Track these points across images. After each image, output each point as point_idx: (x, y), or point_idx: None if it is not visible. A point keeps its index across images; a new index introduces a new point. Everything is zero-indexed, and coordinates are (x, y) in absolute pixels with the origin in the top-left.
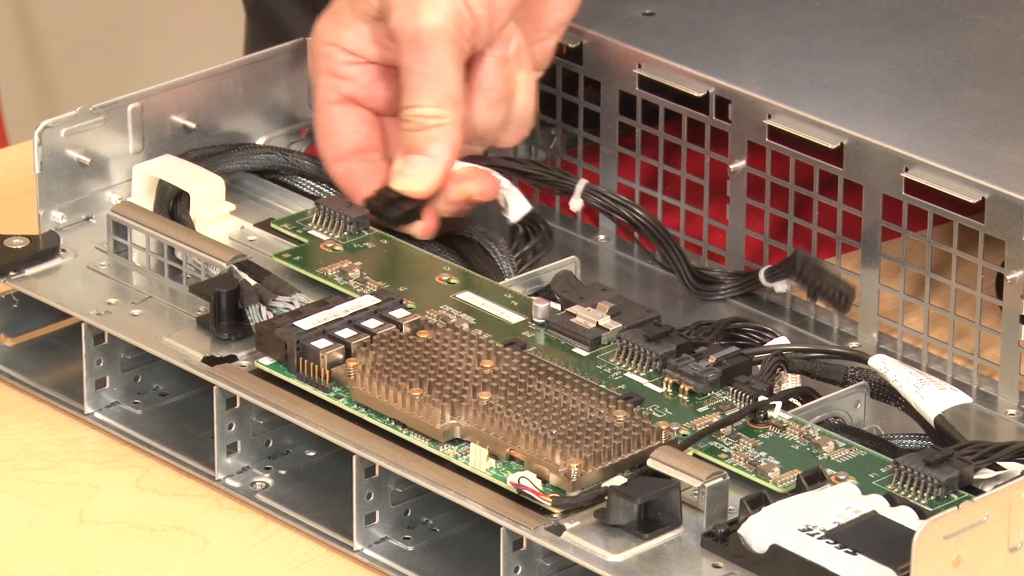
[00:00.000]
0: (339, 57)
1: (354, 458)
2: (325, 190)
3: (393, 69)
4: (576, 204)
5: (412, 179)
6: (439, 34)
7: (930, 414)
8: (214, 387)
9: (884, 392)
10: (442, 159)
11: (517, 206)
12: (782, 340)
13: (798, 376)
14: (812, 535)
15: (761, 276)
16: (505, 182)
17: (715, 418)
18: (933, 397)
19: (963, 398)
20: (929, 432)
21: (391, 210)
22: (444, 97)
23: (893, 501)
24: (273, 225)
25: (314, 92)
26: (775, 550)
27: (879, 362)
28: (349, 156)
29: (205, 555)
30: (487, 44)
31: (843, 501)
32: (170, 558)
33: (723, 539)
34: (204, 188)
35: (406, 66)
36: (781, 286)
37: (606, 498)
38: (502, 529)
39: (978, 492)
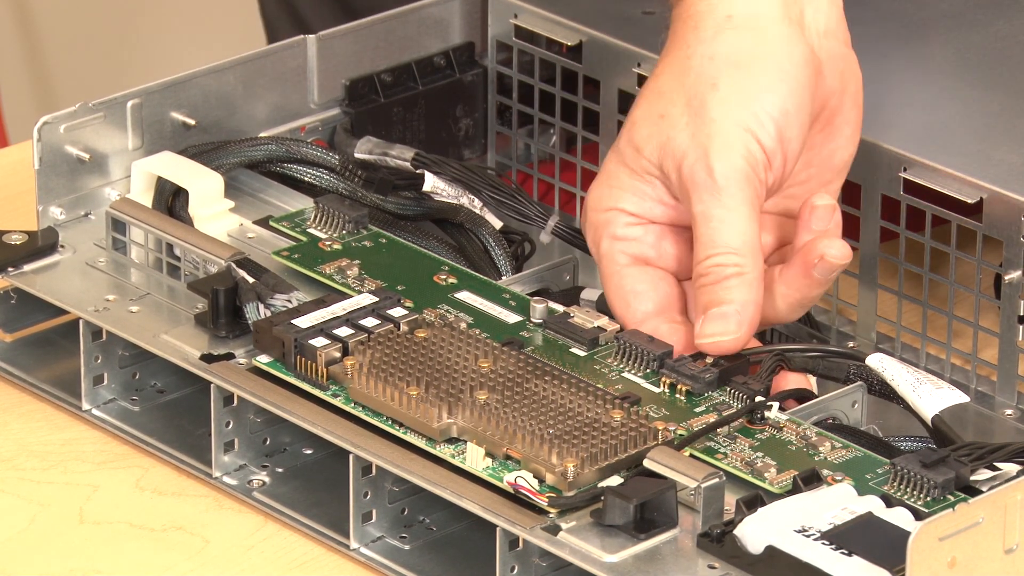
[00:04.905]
0: (620, 220)
1: (351, 457)
2: (325, 176)
3: (680, 229)
4: (546, 238)
5: (718, 338)
6: (734, 174)
7: (927, 413)
8: (211, 385)
9: (883, 390)
10: (747, 309)
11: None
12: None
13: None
14: (808, 536)
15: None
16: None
17: (712, 418)
18: (930, 396)
19: (960, 397)
20: (927, 431)
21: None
22: (743, 243)
23: (889, 502)
24: (272, 223)
25: (599, 265)
26: (771, 551)
27: (876, 361)
28: (652, 317)
29: (205, 555)
30: (782, 181)
31: (839, 502)
32: (170, 558)
33: (719, 540)
34: (203, 185)
35: (700, 213)
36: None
37: (602, 498)
38: (498, 529)
39: (975, 493)
